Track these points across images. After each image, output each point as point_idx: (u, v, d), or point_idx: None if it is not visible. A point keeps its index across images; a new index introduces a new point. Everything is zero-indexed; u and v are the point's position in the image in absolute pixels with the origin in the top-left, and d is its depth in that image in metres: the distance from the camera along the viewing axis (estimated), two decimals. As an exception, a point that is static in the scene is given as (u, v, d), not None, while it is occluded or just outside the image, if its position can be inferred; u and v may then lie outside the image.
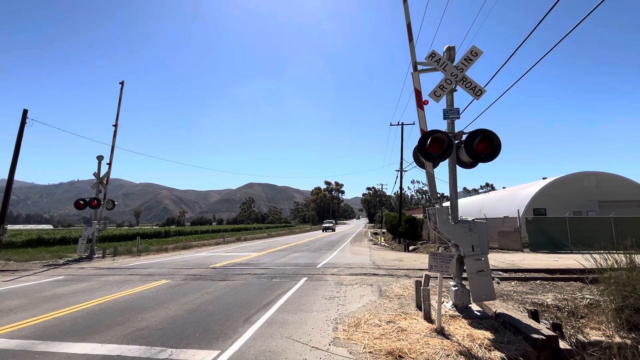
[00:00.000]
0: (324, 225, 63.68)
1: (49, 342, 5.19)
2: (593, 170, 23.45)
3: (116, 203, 20.50)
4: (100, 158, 19.40)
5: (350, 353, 4.59)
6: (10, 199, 19.85)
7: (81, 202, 18.83)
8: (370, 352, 4.56)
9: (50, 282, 10.92)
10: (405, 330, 5.34)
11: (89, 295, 8.59)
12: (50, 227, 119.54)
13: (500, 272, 11.53)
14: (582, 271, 10.24)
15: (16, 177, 19.99)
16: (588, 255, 7.14)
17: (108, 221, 20.56)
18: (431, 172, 7.28)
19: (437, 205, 6.55)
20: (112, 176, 20.63)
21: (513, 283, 9.82)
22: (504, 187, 38.97)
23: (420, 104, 6.93)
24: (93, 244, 18.89)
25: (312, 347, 4.85)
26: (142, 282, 10.36)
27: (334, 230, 60.40)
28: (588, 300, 7.16)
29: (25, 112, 19.73)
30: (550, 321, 5.30)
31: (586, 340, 4.87)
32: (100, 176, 19.39)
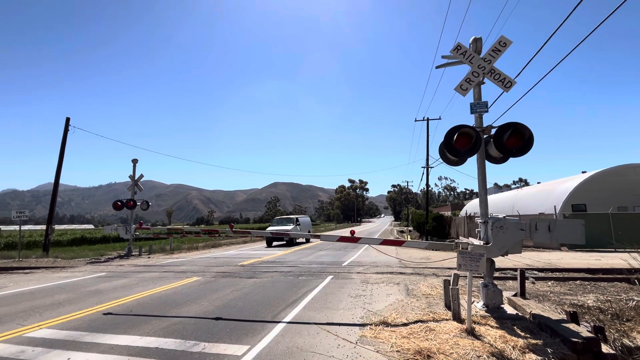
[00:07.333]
0: (270, 229, 24.66)
1: (94, 333, 5.58)
2: (640, 162, 21.70)
3: (150, 204, 21.57)
4: (135, 161, 20.42)
5: (377, 351, 4.58)
6: (56, 202, 21.46)
7: (118, 203, 19.97)
8: (398, 351, 4.52)
9: (93, 278, 11.70)
10: (434, 329, 5.24)
11: (128, 291, 9.13)
12: (91, 227, 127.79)
13: (536, 272, 11.00)
14: (629, 271, 9.53)
15: (60, 181, 21.56)
16: (636, 254, 6.65)
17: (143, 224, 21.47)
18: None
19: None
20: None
21: (550, 283, 9.33)
22: (538, 182, 36.91)
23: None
24: (130, 242, 20.01)
25: (339, 344, 4.89)
26: (176, 279, 10.86)
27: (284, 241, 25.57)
28: (635, 302, 6.67)
29: (67, 120, 21.20)
30: (592, 324, 4.99)
31: (633, 345, 4.54)
32: (136, 178, 20.44)
